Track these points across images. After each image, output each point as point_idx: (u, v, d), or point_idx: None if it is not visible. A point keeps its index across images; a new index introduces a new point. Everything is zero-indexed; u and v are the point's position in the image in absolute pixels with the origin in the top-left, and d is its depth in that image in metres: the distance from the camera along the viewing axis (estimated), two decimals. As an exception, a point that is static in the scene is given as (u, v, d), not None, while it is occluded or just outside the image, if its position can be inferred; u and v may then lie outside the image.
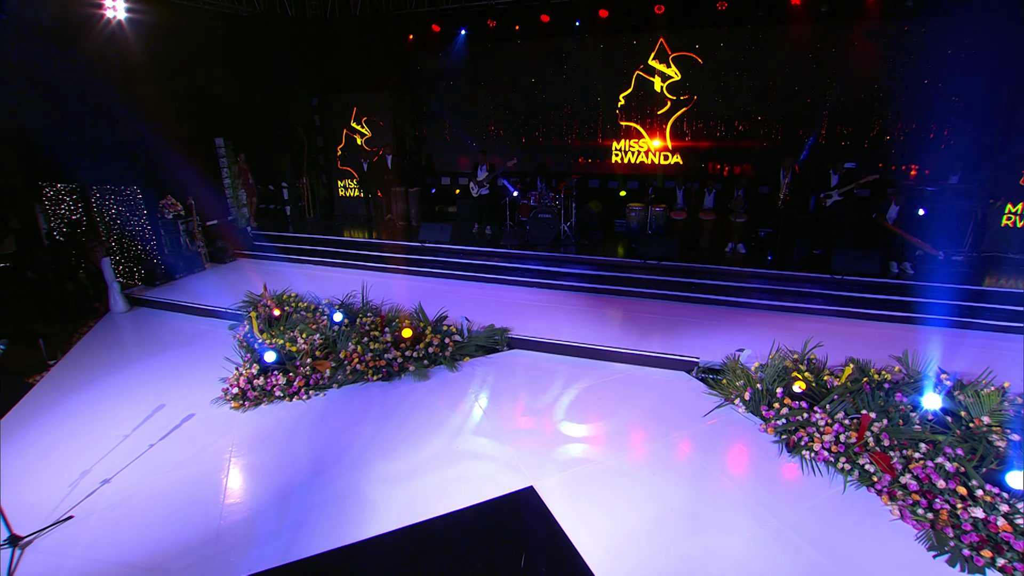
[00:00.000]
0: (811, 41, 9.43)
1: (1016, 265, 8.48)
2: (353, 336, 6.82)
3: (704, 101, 10.40)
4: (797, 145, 9.65)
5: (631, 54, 10.61)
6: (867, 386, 5.31)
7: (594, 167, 11.36)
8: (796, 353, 5.97)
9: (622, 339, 6.87)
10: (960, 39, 8.86)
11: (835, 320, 7.46)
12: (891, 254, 8.00)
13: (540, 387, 6.07)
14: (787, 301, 7.80)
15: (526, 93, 11.46)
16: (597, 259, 8.76)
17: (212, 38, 10.41)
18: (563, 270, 8.75)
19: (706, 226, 9.04)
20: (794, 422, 4.99)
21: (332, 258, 10.38)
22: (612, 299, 8.29)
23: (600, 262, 8.72)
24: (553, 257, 8.96)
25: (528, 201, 9.79)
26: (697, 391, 5.90)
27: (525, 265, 9.00)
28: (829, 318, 7.52)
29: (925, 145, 9.19)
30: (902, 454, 4.53)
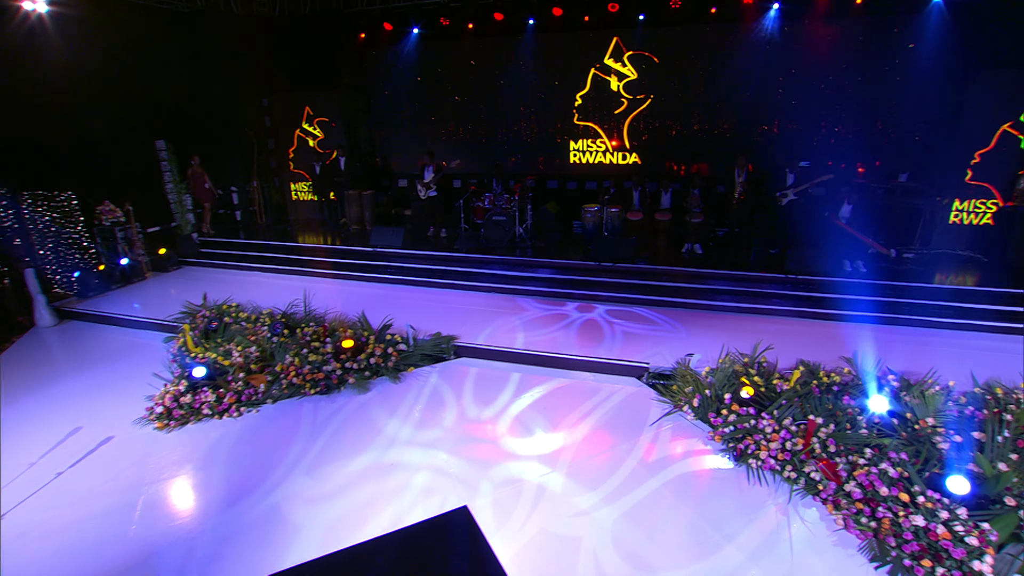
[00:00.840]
0: (764, 39, 9.40)
1: (964, 261, 8.56)
2: (292, 348, 6.49)
3: (661, 100, 10.31)
4: (751, 144, 9.61)
5: (587, 53, 10.47)
6: (816, 389, 5.21)
7: (552, 167, 11.19)
8: (747, 356, 5.85)
9: (574, 345, 6.68)
10: (904, 39, 8.92)
11: (790, 320, 7.39)
12: (844, 253, 7.98)
13: (485, 397, 5.83)
14: (744, 302, 7.71)
15: (482, 93, 11.22)
16: (552, 262, 8.57)
17: (149, 34, 9.91)
18: (517, 274, 8.53)
19: (662, 227, 8.92)
20: (741, 429, 4.84)
21: (282, 265, 9.98)
22: (568, 303, 8.10)
23: (555, 265, 8.53)
24: (507, 261, 8.74)
25: (482, 203, 9.55)
26: (648, 398, 5.72)
27: (478, 269, 8.76)
28: (785, 318, 7.45)
29: (874, 144, 9.24)
30: (848, 460, 4.41)
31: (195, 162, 10.68)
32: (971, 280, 7.74)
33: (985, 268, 8.25)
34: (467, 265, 8.90)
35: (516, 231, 9.29)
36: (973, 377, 5.49)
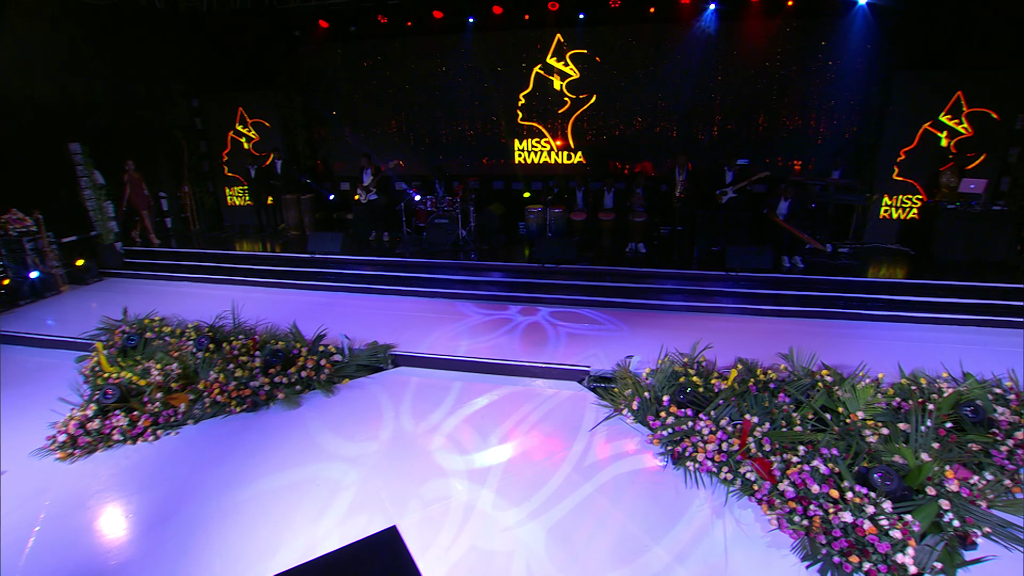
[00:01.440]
0: (701, 39, 9.49)
1: (894, 255, 8.85)
2: (218, 363, 6.10)
3: (604, 99, 10.29)
4: (691, 142, 9.70)
5: (529, 52, 10.35)
6: (753, 387, 5.21)
7: (497, 168, 11.03)
8: (687, 356, 5.82)
9: (517, 350, 6.53)
10: (831, 40, 9.16)
11: (732, 318, 7.45)
12: (783, 249, 8.11)
13: (421, 408, 5.61)
14: (688, 300, 7.73)
15: (423, 92, 10.94)
16: (495, 264, 8.40)
17: (59, 28, 9.20)
18: (460, 278, 8.33)
19: (606, 226, 8.89)
20: (679, 432, 4.79)
21: (215, 274, 9.46)
22: (512, 307, 7.94)
23: (498, 267, 8.37)
24: (449, 264, 8.52)
25: (424, 206, 9.30)
26: (588, 403, 5.62)
27: (420, 274, 8.51)
28: (727, 316, 7.51)
29: (809, 142, 9.47)
30: (783, 458, 4.40)
31: (130, 167, 9.98)
32: (900, 273, 7.99)
33: (912, 261, 8.55)
34: (409, 270, 8.64)
35: (459, 234, 9.08)
36: (900, 369, 5.62)
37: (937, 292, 7.42)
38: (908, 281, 7.61)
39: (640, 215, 8.59)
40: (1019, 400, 5.12)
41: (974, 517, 3.88)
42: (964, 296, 7.32)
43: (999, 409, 4.97)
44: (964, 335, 6.95)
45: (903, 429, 4.64)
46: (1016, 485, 4.25)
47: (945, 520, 3.81)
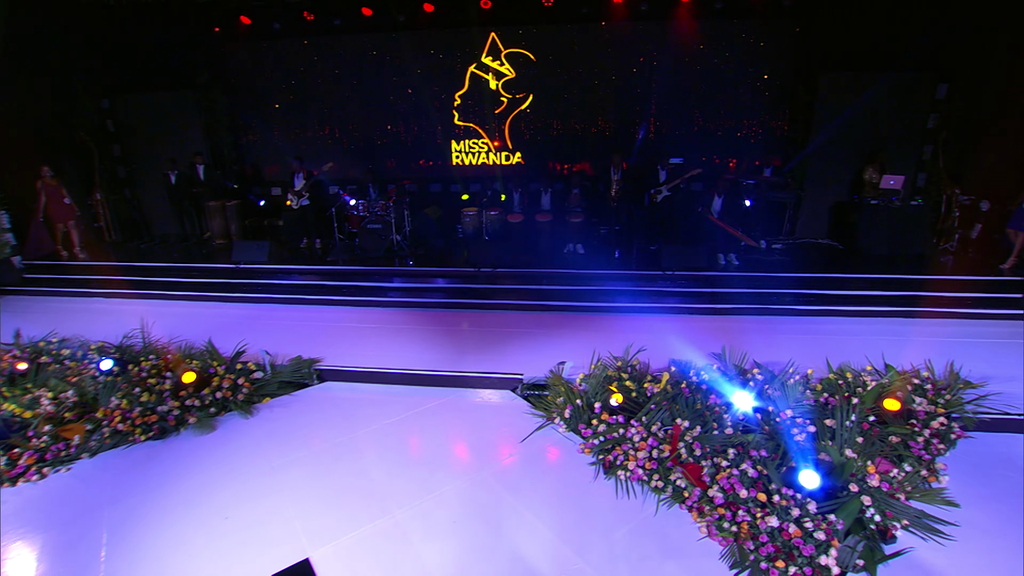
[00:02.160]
0: (633, 38, 9.50)
1: (825, 249, 9.09)
2: (123, 387, 5.59)
3: (541, 99, 10.16)
4: (627, 141, 9.69)
5: (463, 51, 10.12)
6: (686, 390, 5.14)
7: (434, 170, 10.74)
8: (620, 360, 5.72)
9: (449, 359, 6.29)
10: (764, 40, 9.34)
11: (670, 317, 7.41)
12: (718, 247, 8.18)
13: (346, 426, 5.28)
14: (625, 301, 7.66)
15: (354, 93, 10.54)
16: (430, 271, 8.13)
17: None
18: (393, 284, 8.01)
19: (543, 228, 8.75)
20: (611, 440, 4.66)
21: (131, 288, 8.79)
22: (447, 313, 7.69)
23: (433, 273, 8.10)
24: (381, 271, 8.19)
25: (357, 211, 8.92)
26: (521, 412, 5.43)
27: (351, 283, 8.13)
28: (665, 316, 7.47)
29: (742, 140, 9.62)
30: (713, 463, 4.33)
31: (46, 173, 9.11)
32: (830, 267, 8.19)
33: (841, 255, 8.79)
34: (340, 279, 8.25)
35: (393, 239, 8.75)
36: (828, 363, 5.69)
37: (863, 285, 7.64)
38: (837, 275, 7.80)
39: (578, 215, 8.49)
40: (935, 390, 5.26)
41: (894, 511, 3.90)
42: (886, 289, 7.55)
43: (917, 400, 5.08)
44: (888, 326, 7.15)
45: (829, 425, 4.66)
46: (932, 475, 4.32)
47: (867, 516, 3.82)
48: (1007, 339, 6.79)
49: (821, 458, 4.32)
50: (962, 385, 5.36)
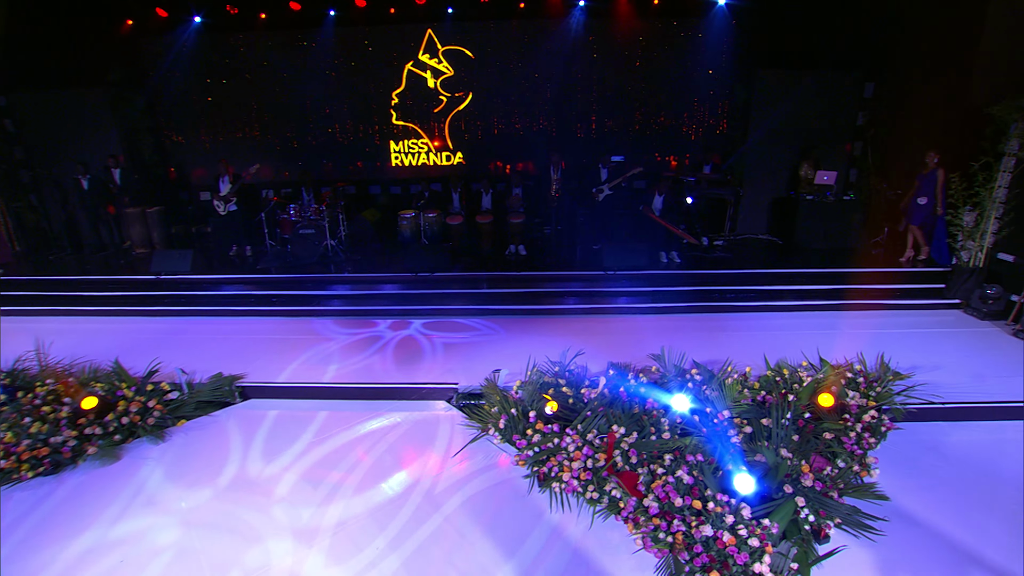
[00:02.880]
0: (572, 36, 9.38)
1: (765, 245, 9.21)
2: (11, 417, 5.03)
3: (480, 97, 9.92)
4: (567, 140, 9.58)
5: (400, 48, 9.77)
6: (624, 394, 5.00)
7: (373, 172, 10.34)
8: (558, 365, 5.54)
9: (384, 370, 5.98)
10: (701, 37, 9.39)
11: (612, 318, 7.31)
12: (659, 245, 8.14)
13: (268, 448, 4.91)
14: (568, 303, 7.52)
15: (284, 91, 9.99)
16: (365, 277, 7.76)
17: None
18: (326, 293, 7.62)
19: (484, 229, 8.51)
20: (545, 450, 4.47)
21: (35, 305, 8.05)
22: (382, 322, 7.34)
23: (369, 279, 7.75)
24: (314, 279, 7.77)
25: (288, 215, 8.46)
26: (456, 424, 5.18)
27: (282, 292, 7.70)
28: (607, 316, 7.36)
29: (682, 137, 9.66)
30: (650, 470, 4.20)
31: None
32: (769, 263, 8.28)
33: (780, 250, 8.92)
34: (270, 287, 7.79)
35: (327, 244, 8.34)
36: (766, 360, 5.67)
37: (800, 280, 7.74)
38: (775, 271, 7.88)
39: (519, 216, 8.30)
40: (867, 382, 5.31)
41: (827, 509, 3.85)
42: (822, 283, 7.68)
43: (850, 393, 5.11)
44: (824, 320, 7.25)
45: (766, 425, 4.61)
46: (864, 469, 4.32)
47: (802, 517, 3.76)
48: (933, 328, 7.00)
49: (757, 460, 4.25)
50: (891, 377, 5.44)
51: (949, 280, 7.66)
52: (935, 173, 7.56)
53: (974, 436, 4.93)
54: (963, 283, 7.49)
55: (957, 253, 7.61)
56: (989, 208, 7.20)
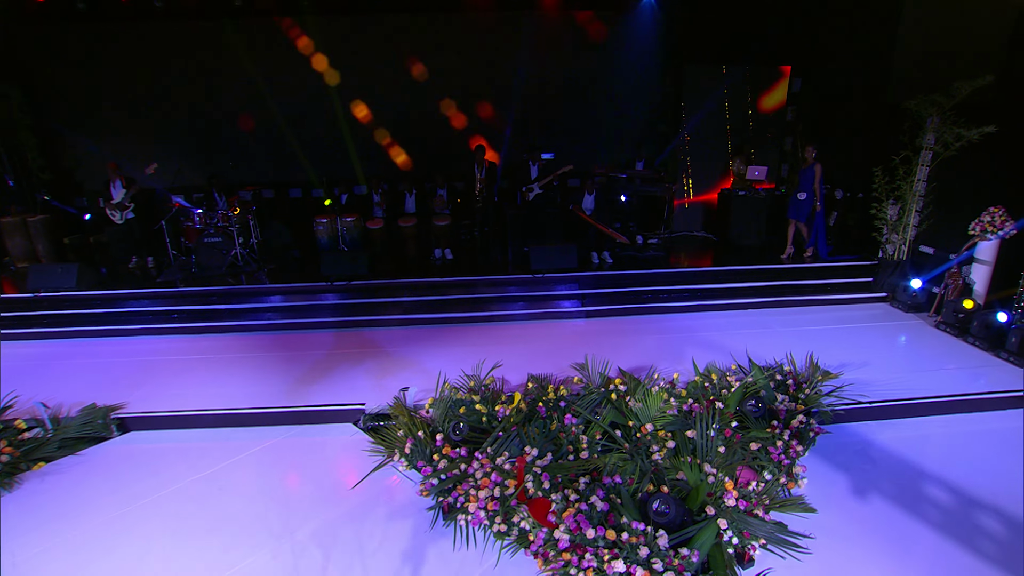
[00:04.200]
0: (500, 29, 8.98)
1: (700, 242, 9.06)
2: None
3: (399, 93, 9.33)
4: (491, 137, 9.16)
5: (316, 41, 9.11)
6: (542, 409, 4.63)
7: (294, 174, 9.60)
8: (472, 379, 5.12)
9: (288, 391, 5.41)
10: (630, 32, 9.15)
11: (538, 325, 6.93)
12: (591, 245, 7.84)
13: (143, 487, 4.27)
14: (494, 309, 7.10)
15: (193, 88, 9.16)
16: (276, 288, 7.14)
17: None
18: (231, 307, 6.96)
19: (407, 233, 8.00)
20: (451, 477, 4.03)
21: None
22: (294, 336, 6.73)
23: (280, 290, 7.12)
24: (218, 292, 7.09)
25: (193, 223, 7.73)
26: (361, 449, 4.68)
27: (181, 307, 6.99)
28: (534, 323, 6.99)
29: (614, 134, 9.40)
30: (564, 495, 3.82)
31: None
32: (702, 261, 8.12)
33: (714, 247, 8.79)
34: (169, 302, 7.06)
35: (236, 253, 7.65)
36: (695, 365, 5.42)
37: (733, 278, 7.60)
38: (707, 269, 7.72)
39: (443, 218, 7.84)
40: (796, 384, 5.12)
41: (751, 529, 3.57)
42: (755, 279, 7.56)
43: (779, 397, 4.90)
44: (756, 318, 7.11)
45: (691, 437, 4.31)
46: (791, 480, 4.08)
47: (725, 540, 3.46)
48: (862, 322, 6.95)
49: (679, 478, 3.94)
50: (820, 377, 5.27)
51: (876, 273, 7.68)
52: (813, 168, 7.55)
53: (899, 434, 4.80)
54: (889, 276, 7.51)
55: (883, 246, 7.63)
56: (910, 201, 7.22)
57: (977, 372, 5.63)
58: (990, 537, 3.65)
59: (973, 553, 3.51)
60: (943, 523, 3.77)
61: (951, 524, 3.76)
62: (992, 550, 3.54)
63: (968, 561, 3.46)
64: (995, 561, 3.45)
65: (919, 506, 3.94)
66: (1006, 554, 3.50)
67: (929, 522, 3.79)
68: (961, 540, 3.62)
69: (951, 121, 6.65)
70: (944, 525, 3.75)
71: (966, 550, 3.54)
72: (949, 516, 3.84)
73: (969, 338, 6.27)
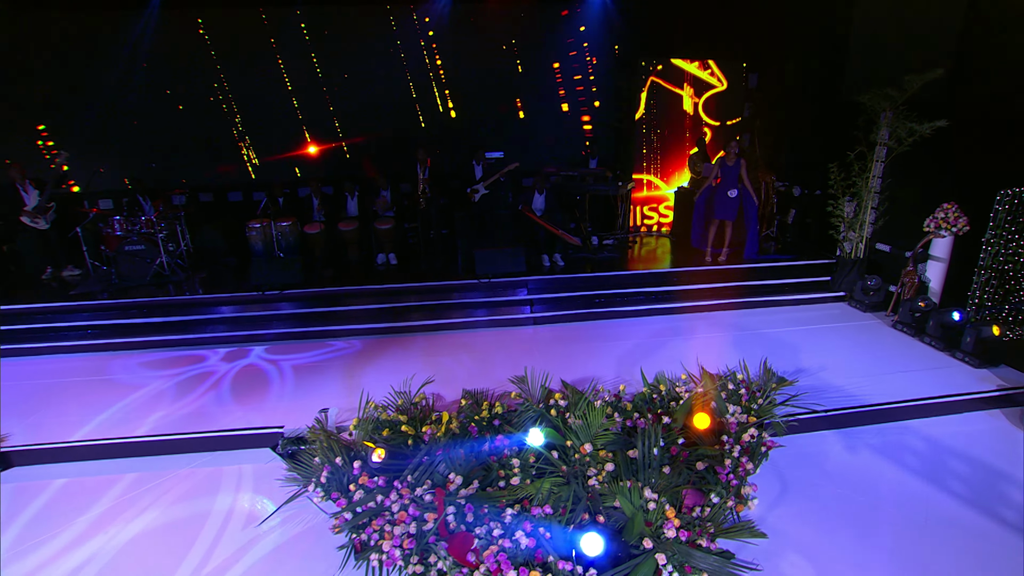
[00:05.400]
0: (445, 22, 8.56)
1: (656, 242, 8.79)
2: None
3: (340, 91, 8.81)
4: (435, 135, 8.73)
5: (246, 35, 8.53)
6: (474, 429, 4.24)
7: (231, 176, 9.00)
8: (402, 396, 4.71)
9: (202, 413, 4.92)
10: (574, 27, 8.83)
11: (485, 333, 6.53)
12: (541, 247, 7.49)
13: (18, 535, 3.74)
14: (439, 318, 6.69)
15: (98, 82, 8.32)
16: (202, 299, 6.58)
17: None
18: (153, 321, 6.39)
19: (349, 237, 7.52)
20: (367, 511, 3.61)
21: None
22: (220, 351, 6.19)
23: (207, 301, 6.59)
24: (129, 305, 6.51)
25: (113, 229, 7.13)
26: (275, 478, 4.22)
27: (95, 322, 6.40)
28: (479, 331, 6.58)
29: (565, 131, 9.07)
30: (488, 529, 3.44)
31: None
32: (658, 262, 7.83)
33: (672, 247, 8.52)
34: (79, 316, 6.46)
35: (161, 262, 7.08)
36: (643, 375, 5.09)
37: (689, 279, 7.34)
38: (663, 271, 7.44)
39: (387, 221, 7.39)
40: (749, 393, 4.84)
41: (694, 563, 3.23)
42: (712, 281, 7.30)
43: (731, 409, 4.60)
44: (714, 320, 6.86)
45: (633, 457, 3.97)
46: (740, 503, 3.77)
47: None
48: (820, 323, 6.76)
49: (616, 506, 3.59)
50: (775, 385, 4.99)
51: (834, 272, 7.50)
52: (739, 163, 7.34)
53: (855, 443, 4.55)
54: (846, 275, 7.34)
55: (840, 245, 7.46)
56: (866, 198, 7.05)
57: (934, 374, 5.44)
58: (950, 555, 3.40)
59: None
60: (898, 544, 3.50)
61: (908, 542, 3.51)
62: (951, 572, 3.28)
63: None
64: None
65: (875, 526, 3.67)
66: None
67: (885, 544, 3.52)
68: (918, 562, 3.35)
69: (904, 116, 6.49)
70: (900, 545, 3.49)
71: (925, 571, 3.27)
72: (906, 533, 3.58)
73: (926, 338, 6.10)
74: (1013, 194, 5.52)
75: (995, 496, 3.94)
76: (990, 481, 4.10)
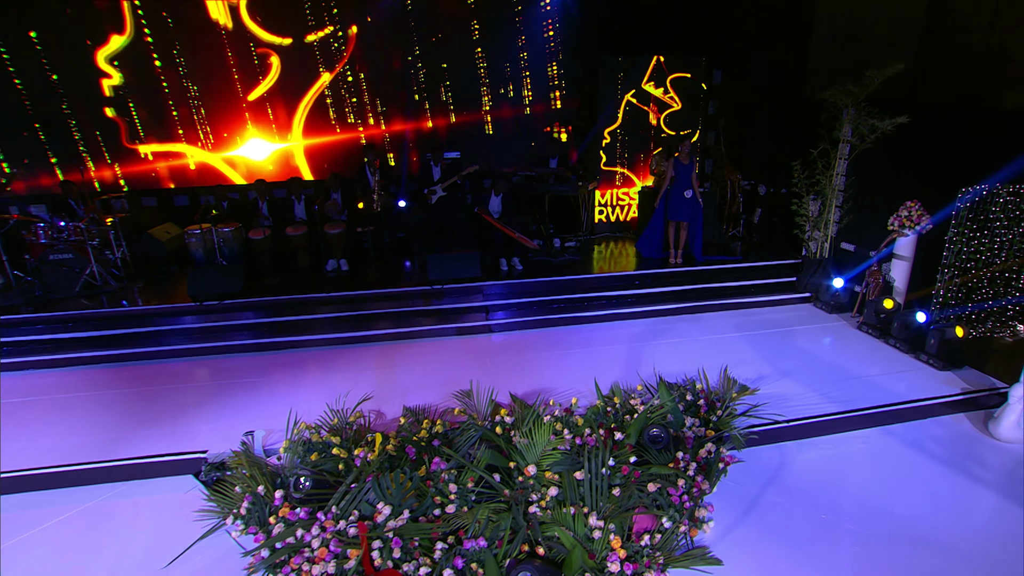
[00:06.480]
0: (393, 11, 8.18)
1: (620, 243, 8.54)
2: None
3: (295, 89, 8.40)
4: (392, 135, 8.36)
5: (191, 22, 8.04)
6: (411, 451, 3.92)
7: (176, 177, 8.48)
8: (337, 415, 4.36)
9: (117, 438, 4.51)
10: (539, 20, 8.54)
11: (434, 343, 6.18)
12: (499, 251, 7.18)
13: None
14: (389, 327, 6.33)
15: (28, 74, 7.74)
16: (131, 311, 6.14)
17: None
18: (81, 335, 5.92)
19: (297, 243, 7.12)
20: (284, 547, 3.27)
21: None
22: (150, 366, 5.76)
23: (138, 313, 6.14)
24: (63, 318, 6.05)
25: (37, 237, 6.62)
26: (194, 508, 3.85)
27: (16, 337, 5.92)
28: (434, 340, 6.25)
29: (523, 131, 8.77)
30: (418, 564, 3.12)
31: None
32: (620, 265, 7.59)
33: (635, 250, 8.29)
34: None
35: (92, 271, 6.60)
36: (597, 387, 4.81)
37: (652, 282, 7.12)
38: (624, 273, 7.20)
39: (337, 225, 7.01)
40: (708, 404, 4.60)
41: (641, 600, 2.97)
42: (675, 283, 7.10)
43: (689, 421, 4.36)
44: (677, 324, 6.63)
45: (580, 479, 3.69)
46: (695, 526, 3.51)
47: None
48: (785, 325, 6.58)
49: (557, 537, 3.30)
50: (736, 395, 4.77)
51: (800, 272, 7.35)
52: (694, 163, 7.17)
53: (817, 454, 4.34)
54: (812, 275, 7.18)
55: (805, 244, 7.31)
56: (830, 196, 6.90)
57: (897, 378, 5.28)
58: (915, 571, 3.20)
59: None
60: (864, 568, 3.28)
61: (874, 563, 3.29)
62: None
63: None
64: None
65: (839, 546, 3.45)
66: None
67: (848, 564, 3.30)
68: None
69: (866, 112, 6.34)
70: (865, 569, 3.27)
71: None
72: (872, 552, 3.37)
73: (891, 340, 5.96)
74: (974, 192, 5.39)
75: (962, 508, 3.76)
76: (955, 492, 3.92)
